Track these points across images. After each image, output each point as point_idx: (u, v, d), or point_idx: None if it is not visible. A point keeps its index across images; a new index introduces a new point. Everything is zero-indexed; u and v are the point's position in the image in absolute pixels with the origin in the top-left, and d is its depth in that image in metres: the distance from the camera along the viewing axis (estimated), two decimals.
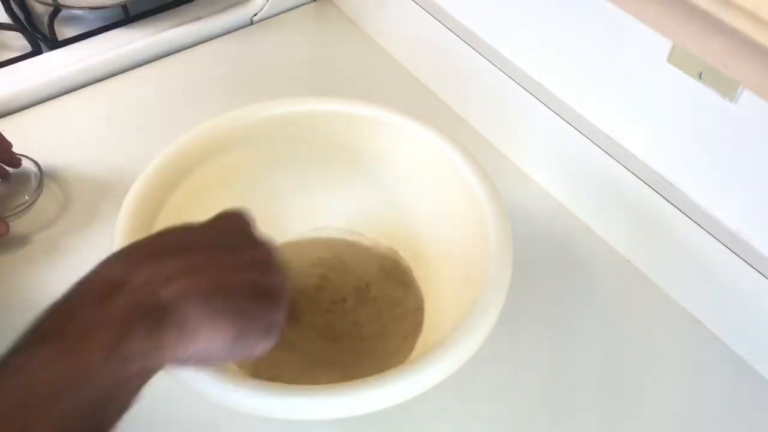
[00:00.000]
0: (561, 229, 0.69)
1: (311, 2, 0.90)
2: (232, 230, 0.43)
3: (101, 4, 0.80)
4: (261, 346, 0.41)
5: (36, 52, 0.78)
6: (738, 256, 0.57)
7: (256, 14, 0.86)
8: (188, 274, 0.38)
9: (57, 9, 0.80)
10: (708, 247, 0.59)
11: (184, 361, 0.38)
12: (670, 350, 0.61)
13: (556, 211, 0.70)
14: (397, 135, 0.59)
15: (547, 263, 0.66)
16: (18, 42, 0.80)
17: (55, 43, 0.79)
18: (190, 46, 0.83)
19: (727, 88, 0.52)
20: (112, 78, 0.79)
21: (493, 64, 0.71)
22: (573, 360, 0.60)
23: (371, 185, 0.63)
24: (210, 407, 0.44)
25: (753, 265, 0.57)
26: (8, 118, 0.74)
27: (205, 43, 0.84)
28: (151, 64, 0.81)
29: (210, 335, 0.37)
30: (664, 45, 0.55)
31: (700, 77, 0.53)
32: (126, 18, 0.82)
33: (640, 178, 0.62)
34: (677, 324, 0.63)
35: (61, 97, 0.77)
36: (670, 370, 0.60)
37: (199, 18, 0.83)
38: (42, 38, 0.80)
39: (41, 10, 0.83)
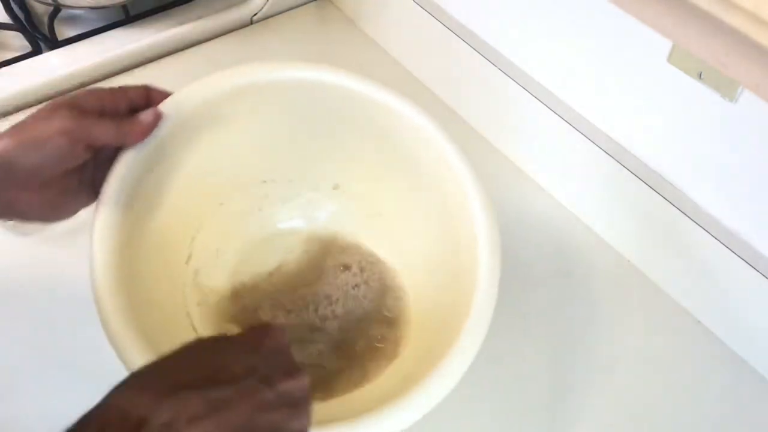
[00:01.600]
0: (561, 230, 0.69)
1: (311, 2, 0.90)
2: (269, 352, 0.41)
3: (101, 4, 0.80)
4: None
5: (36, 52, 0.78)
6: (738, 256, 0.57)
7: (256, 14, 0.86)
8: (214, 414, 0.36)
9: (57, 9, 0.79)
10: (708, 247, 0.59)
11: None
12: (670, 350, 0.62)
13: (556, 211, 0.70)
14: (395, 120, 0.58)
15: (546, 263, 0.66)
16: (18, 42, 0.80)
17: (55, 43, 0.79)
18: (191, 46, 0.83)
19: (727, 88, 0.52)
20: (112, 78, 0.79)
21: (493, 64, 0.71)
22: (573, 360, 0.60)
23: (369, 184, 0.62)
24: None
25: (753, 265, 0.57)
26: (8, 118, 0.74)
27: (205, 43, 0.84)
28: (151, 64, 0.81)
29: None
30: (664, 45, 0.55)
31: (700, 77, 0.53)
32: (126, 18, 0.81)
33: (640, 178, 0.62)
34: (677, 324, 0.63)
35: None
36: (670, 370, 0.60)
37: (199, 18, 0.83)
38: (42, 38, 0.79)
39: (41, 9, 0.82)
